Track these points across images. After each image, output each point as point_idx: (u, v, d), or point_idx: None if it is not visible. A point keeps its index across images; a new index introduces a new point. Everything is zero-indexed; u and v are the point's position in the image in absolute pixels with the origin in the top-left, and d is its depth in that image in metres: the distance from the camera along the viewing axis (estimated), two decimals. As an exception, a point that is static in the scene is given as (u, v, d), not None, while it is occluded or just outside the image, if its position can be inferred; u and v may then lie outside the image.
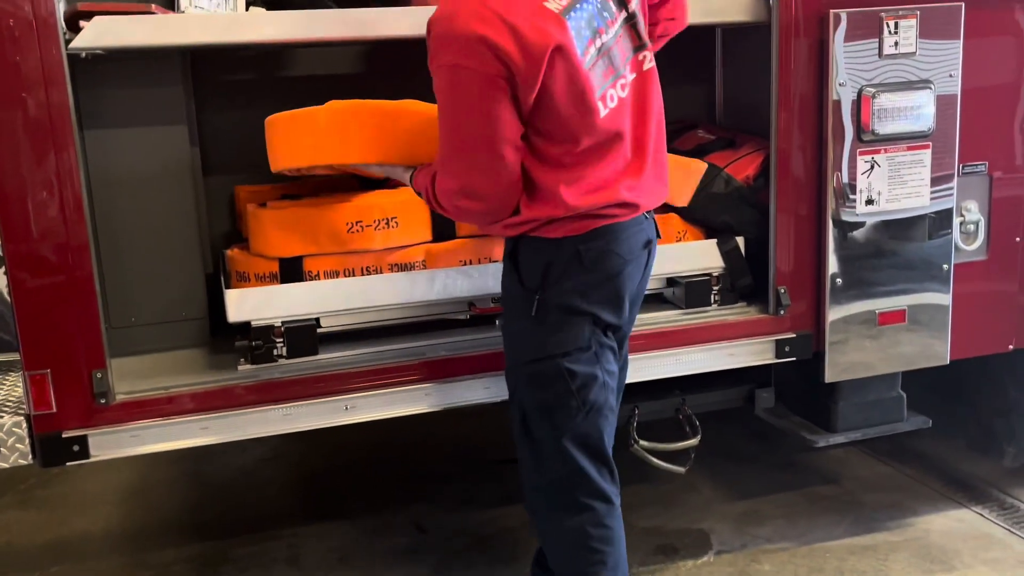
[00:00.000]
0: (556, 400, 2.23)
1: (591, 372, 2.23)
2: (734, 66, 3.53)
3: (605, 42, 2.15)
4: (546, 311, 2.20)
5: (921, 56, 2.81)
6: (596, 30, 2.12)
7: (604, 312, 2.22)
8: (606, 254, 2.19)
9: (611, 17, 2.17)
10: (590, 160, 2.14)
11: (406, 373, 2.62)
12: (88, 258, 2.36)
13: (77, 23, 2.31)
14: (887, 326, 2.95)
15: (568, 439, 2.25)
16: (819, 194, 2.86)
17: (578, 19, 2.08)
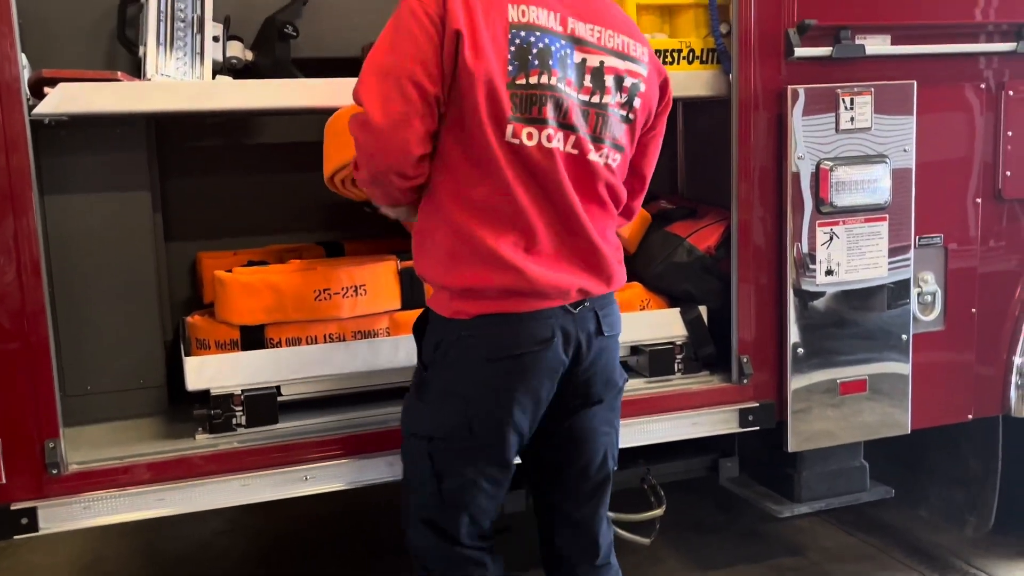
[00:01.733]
0: (416, 479, 2.20)
1: (459, 468, 2.14)
2: (695, 138, 3.59)
3: (557, 87, 2.03)
4: (428, 391, 2.16)
5: (876, 131, 2.88)
6: (551, 70, 2.02)
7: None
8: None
9: (578, 81, 2.07)
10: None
11: (368, 442, 2.58)
12: (44, 324, 2.32)
13: (41, 89, 2.30)
14: (849, 395, 2.97)
15: (422, 519, 2.21)
16: (780, 264, 2.90)
17: (527, 40, 2.01)
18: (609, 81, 2.11)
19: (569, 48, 2.06)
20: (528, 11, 2.02)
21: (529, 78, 2.00)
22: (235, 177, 2.82)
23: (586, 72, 2.09)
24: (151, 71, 2.59)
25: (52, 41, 2.73)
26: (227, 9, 2.79)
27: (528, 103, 2.01)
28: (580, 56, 2.08)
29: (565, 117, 2.05)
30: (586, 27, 2.10)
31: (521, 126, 2.01)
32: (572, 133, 2.06)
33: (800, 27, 2.81)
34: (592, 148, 2.10)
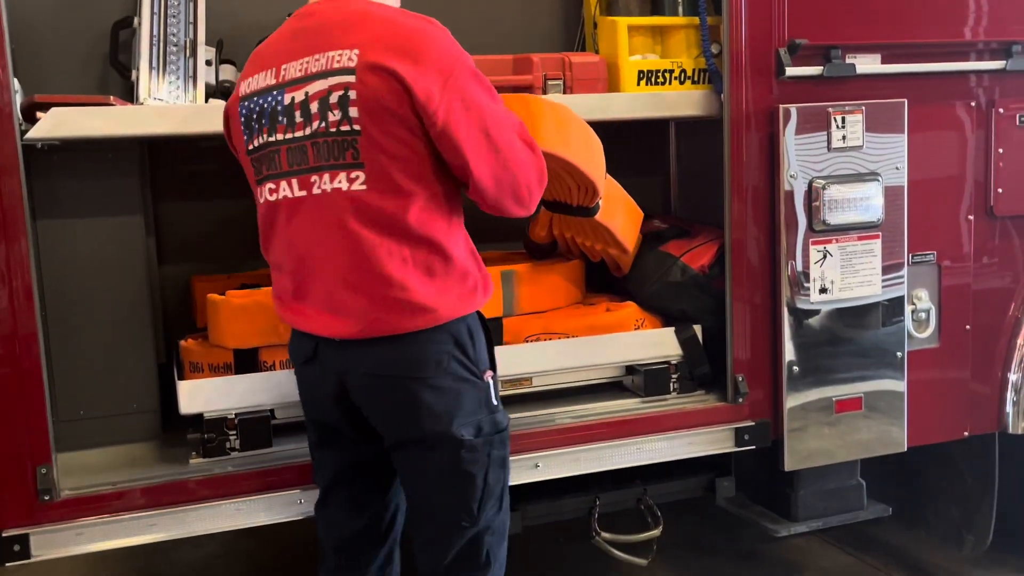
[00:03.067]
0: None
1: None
2: (688, 158, 3.60)
3: (271, 141, 2.10)
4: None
5: (868, 149, 2.89)
6: (264, 127, 2.10)
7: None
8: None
9: (287, 123, 2.07)
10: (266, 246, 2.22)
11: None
12: (37, 349, 2.31)
13: (33, 114, 2.30)
14: (844, 413, 2.96)
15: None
16: (774, 283, 2.90)
17: (251, 108, 2.14)
18: (315, 108, 2.02)
19: (280, 96, 2.08)
20: (251, 82, 2.15)
21: (255, 141, 2.14)
22: (228, 201, 2.82)
23: (295, 110, 2.05)
24: (144, 95, 2.60)
25: (45, 66, 2.73)
26: (220, 33, 2.80)
27: (260, 164, 2.15)
28: (289, 97, 2.07)
29: (281, 166, 2.10)
30: (296, 65, 2.07)
31: (263, 186, 2.15)
32: (293, 177, 2.08)
33: (791, 47, 2.82)
34: (318, 181, 2.04)
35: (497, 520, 2.21)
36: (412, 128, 1.98)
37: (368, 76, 1.96)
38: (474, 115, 2.00)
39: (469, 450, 2.10)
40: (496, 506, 2.20)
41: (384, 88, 1.96)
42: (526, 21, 3.29)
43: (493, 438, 2.14)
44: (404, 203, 2.00)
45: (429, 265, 2.04)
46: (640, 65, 2.92)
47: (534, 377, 2.88)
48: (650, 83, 2.91)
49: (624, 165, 3.48)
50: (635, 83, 2.91)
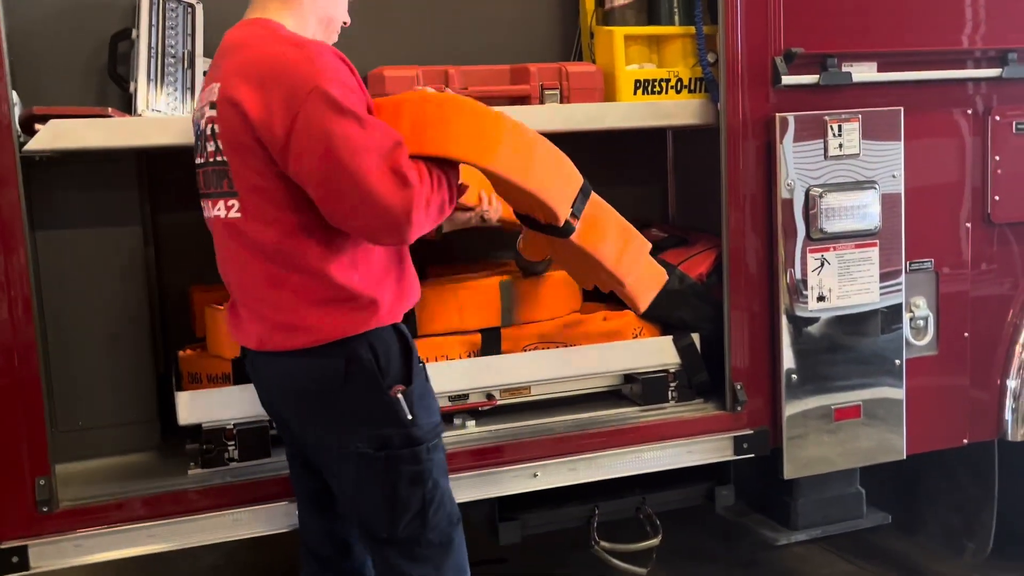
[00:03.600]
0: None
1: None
2: (685, 166, 3.61)
3: (199, 161, 2.16)
4: None
5: (865, 157, 2.90)
6: (197, 147, 2.16)
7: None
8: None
9: (200, 148, 2.14)
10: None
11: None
12: (35, 360, 2.31)
13: (32, 126, 2.31)
14: (844, 421, 2.96)
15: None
16: (772, 291, 2.90)
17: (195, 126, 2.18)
18: (207, 136, 2.09)
19: (200, 120, 2.14)
20: (198, 99, 2.20)
21: (196, 160, 2.18)
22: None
23: (203, 136, 2.12)
24: (142, 106, 2.60)
25: (43, 78, 2.74)
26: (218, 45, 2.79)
27: (199, 181, 2.19)
28: (201, 123, 2.13)
29: (203, 186, 2.17)
30: (206, 91, 2.12)
31: (203, 202, 2.19)
32: (208, 199, 2.15)
33: (787, 55, 2.83)
34: (214, 205, 2.11)
35: (425, 538, 2.14)
36: (265, 159, 1.97)
37: (224, 110, 2.00)
38: (319, 144, 1.90)
39: (368, 463, 2.09)
40: (419, 524, 2.13)
41: (235, 121, 1.97)
42: (523, 31, 3.30)
43: (402, 453, 2.09)
44: (274, 231, 2.01)
45: (309, 289, 2.04)
46: (637, 74, 2.93)
47: (532, 386, 2.88)
48: (647, 92, 2.92)
49: (621, 174, 3.50)
50: (632, 92, 2.91)
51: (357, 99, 1.97)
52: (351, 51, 2.17)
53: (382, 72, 2.75)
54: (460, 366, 2.76)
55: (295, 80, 1.92)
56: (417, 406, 2.11)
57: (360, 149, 1.90)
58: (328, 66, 1.95)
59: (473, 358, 2.79)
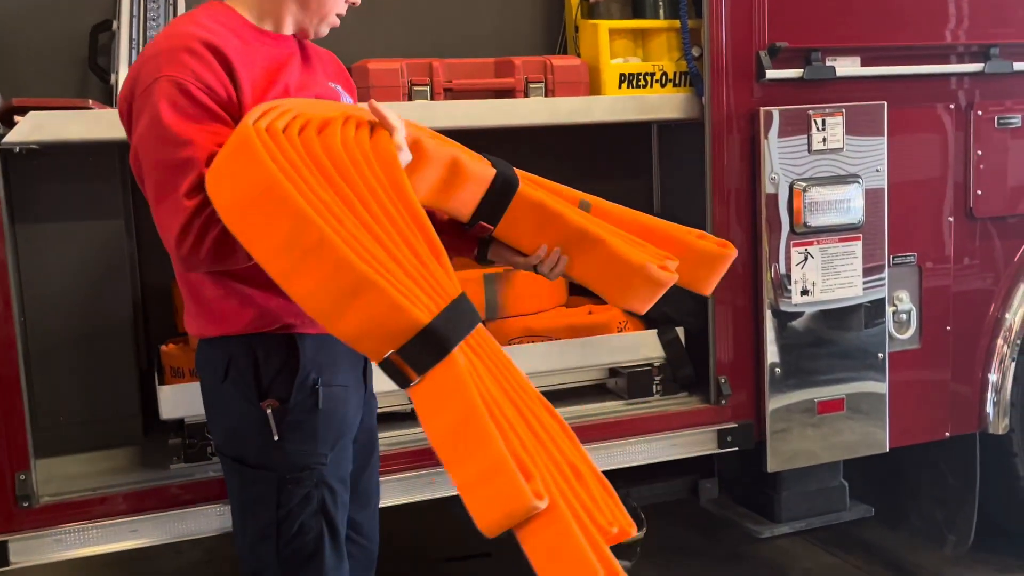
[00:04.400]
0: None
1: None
2: (670, 161, 3.61)
3: None
4: None
5: (849, 151, 2.91)
6: None
7: None
8: None
9: None
10: None
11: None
12: (15, 356, 2.29)
13: (11, 118, 2.29)
14: (827, 414, 2.98)
15: None
16: (756, 285, 2.91)
17: None
18: None
19: None
20: None
21: None
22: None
23: None
24: (123, 99, 2.58)
25: (23, 70, 2.71)
26: (200, 36, 2.78)
27: None
28: None
29: None
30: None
31: None
32: None
33: (771, 49, 2.83)
34: None
35: (270, 571, 1.96)
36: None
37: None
38: (136, 143, 1.79)
39: (228, 472, 2.01)
40: (261, 548, 1.95)
41: (127, 125, 1.86)
42: (507, 24, 3.29)
43: (256, 474, 1.93)
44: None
45: (202, 282, 1.93)
46: (622, 68, 2.92)
47: (517, 380, 2.88)
48: (632, 86, 2.92)
49: (606, 168, 3.50)
50: (616, 86, 2.91)
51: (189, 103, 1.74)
52: (335, 44, 2.16)
53: (366, 65, 2.74)
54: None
55: (142, 71, 1.78)
56: (291, 428, 1.91)
57: (159, 158, 1.75)
58: (170, 54, 1.76)
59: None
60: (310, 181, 1.55)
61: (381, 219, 1.60)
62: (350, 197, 1.59)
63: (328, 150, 1.63)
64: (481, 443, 1.49)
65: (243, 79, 1.79)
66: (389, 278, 1.52)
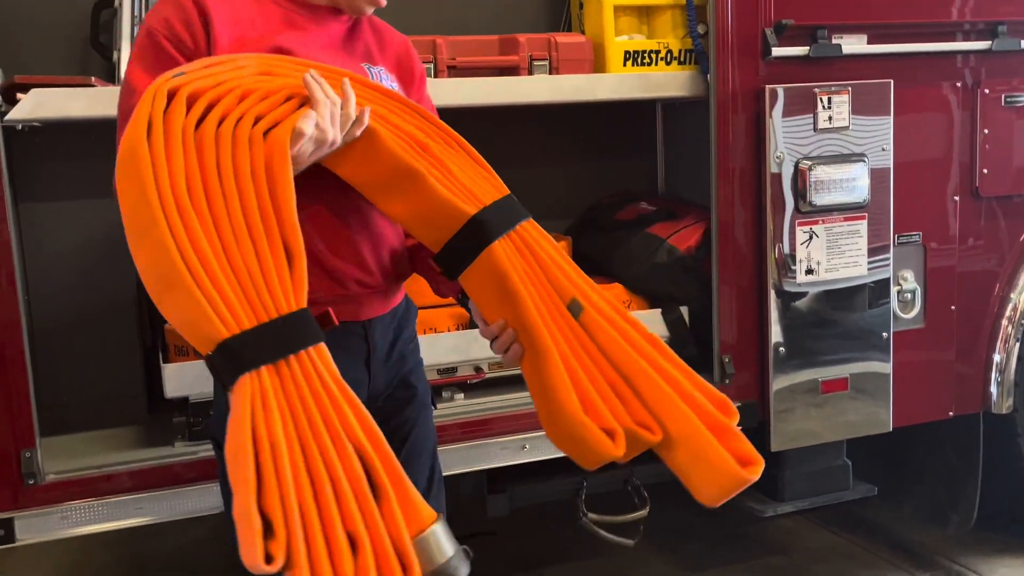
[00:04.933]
0: None
1: None
2: (674, 139, 3.60)
3: None
4: None
5: (855, 130, 2.89)
6: None
7: None
8: None
9: None
10: None
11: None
12: (19, 334, 2.29)
13: (14, 95, 2.28)
14: (831, 394, 2.97)
15: None
16: (760, 264, 2.90)
17: None
18: None
19: None
20: None
21: None
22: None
23: None
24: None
25: (24, 47, 2.70)
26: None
27: None
28: None
29: None
30: None
31: None
32: None
33: (777, 27, 2.81)
34: None
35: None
36: None
37: None
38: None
39: (216, 452, 1.91)
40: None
41: None
42: (512, 2, 3.27)
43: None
44: None
45: None
46: (626, 46, 2.91)
47: (521, 359, 2.88)
48: (636, 64, 2.91)
49: (610, 146, 3.49)
50: (621, 64, 2.90)
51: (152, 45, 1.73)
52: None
53: (369, 42, 2.72)
54: (449, 339, 2.75)
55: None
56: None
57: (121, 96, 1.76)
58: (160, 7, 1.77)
59: (462, 331, 2.78)
60: (175, 164, 1.50)
61: (237, 217, 1.51)
62: (214, 187, 1.52)
63: (214, 139, 1.55)
64: (237, 487, 1.38)
65: (220, 33, 1.74)
66: (205, 280, 1.44)
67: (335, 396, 1.50)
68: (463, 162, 1.81)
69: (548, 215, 3.05)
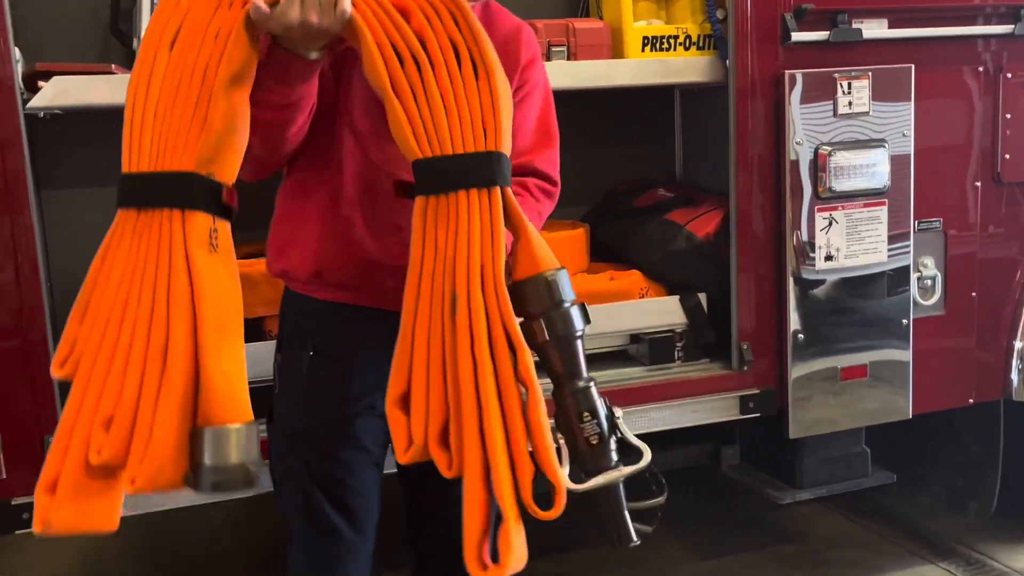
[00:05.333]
0: None
1: None
2: (692, 125, 3.58)
3: None
4: None
5: (875, 116, 2.87)
6: None
7: None
8: None
9: None
10: None
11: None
12: (43, 321, 2.31)
13: (35, 83, 2.29)
14: (849, 381, 2.96)
15: None
16: (779, 251, 2.89)
17: None
18: None
19: None
20: None
21: None
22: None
23: None
24: (145, 63, 2.57)
25: (46, 34, 2.72)
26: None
27: None
28: None
29: None
30: None
31: None
32: None
33: (797, 11, 2.80)
34: None
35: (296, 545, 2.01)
36: None
37: None
38: None
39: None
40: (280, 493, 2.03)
41: None
42: (530, -13, 3.26)
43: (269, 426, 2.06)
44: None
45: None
46: (645, 31, 2.89)
47: (539, 346, 2.88)
48: (655, 49, 2.89)
49: (628, 132, 3.47)
50: (640, 49, 2.88)
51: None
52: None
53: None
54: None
55: None
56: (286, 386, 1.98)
57: None
58: None
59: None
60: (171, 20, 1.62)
61: (188, 71, 1.60)
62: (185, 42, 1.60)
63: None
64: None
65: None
66: (138, 119, 1.63)
67: (178, 263, 1.54)
68: (463, 93, 1.62)
69: (565, 202, 3.03)
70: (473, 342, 1.57)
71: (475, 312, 1.57)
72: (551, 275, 1.64)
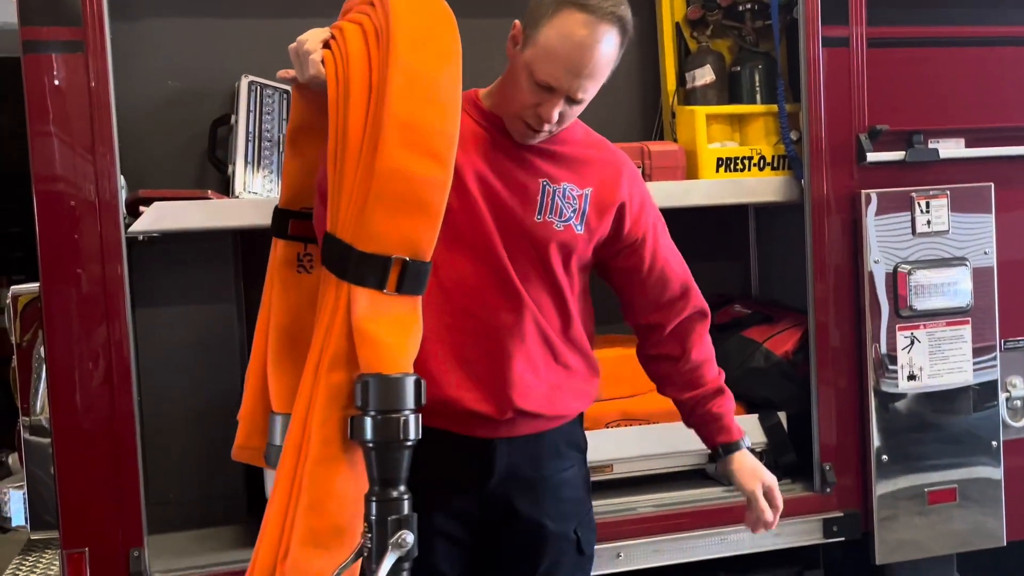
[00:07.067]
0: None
1: None
2: (768, 242, 3.59)
3: None
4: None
5: (955, 233, 2.85)
6: None
7: None
8: None
9: None
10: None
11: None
12: (132, 432, 2.38)
13: (137, 207, 2.42)
14: (937, 504, 2.86)
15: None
16: (859, 367, 2.85)
17: None
18: None
19: None
20: None
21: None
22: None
23: None
24: (239, 188, 2.71)
25: (148, 161, 2.87)
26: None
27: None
28: None
29: None
30: None
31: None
32: None
33: (871, 132, 2.82)
34: None
35: None
36: None
37: None
38: None
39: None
40: None
41: None
42: (605, 111, 3.32)
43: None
44: None
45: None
46: (719, 152, 2.95)
47: (614, 464, 2.86)
48: (729, 170, 2.94)
49: (703, 249, 3.48)
50: (714, 170, 2.93)
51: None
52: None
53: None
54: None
55: None
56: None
57: None
58: None
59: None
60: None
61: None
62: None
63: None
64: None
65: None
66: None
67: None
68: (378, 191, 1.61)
69: (642, 318, 3.05)
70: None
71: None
72: (365, 379, 1.61)
